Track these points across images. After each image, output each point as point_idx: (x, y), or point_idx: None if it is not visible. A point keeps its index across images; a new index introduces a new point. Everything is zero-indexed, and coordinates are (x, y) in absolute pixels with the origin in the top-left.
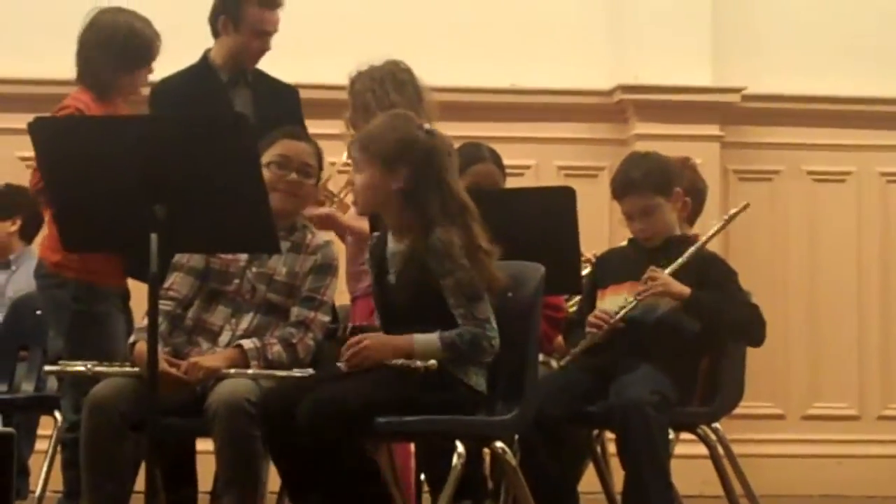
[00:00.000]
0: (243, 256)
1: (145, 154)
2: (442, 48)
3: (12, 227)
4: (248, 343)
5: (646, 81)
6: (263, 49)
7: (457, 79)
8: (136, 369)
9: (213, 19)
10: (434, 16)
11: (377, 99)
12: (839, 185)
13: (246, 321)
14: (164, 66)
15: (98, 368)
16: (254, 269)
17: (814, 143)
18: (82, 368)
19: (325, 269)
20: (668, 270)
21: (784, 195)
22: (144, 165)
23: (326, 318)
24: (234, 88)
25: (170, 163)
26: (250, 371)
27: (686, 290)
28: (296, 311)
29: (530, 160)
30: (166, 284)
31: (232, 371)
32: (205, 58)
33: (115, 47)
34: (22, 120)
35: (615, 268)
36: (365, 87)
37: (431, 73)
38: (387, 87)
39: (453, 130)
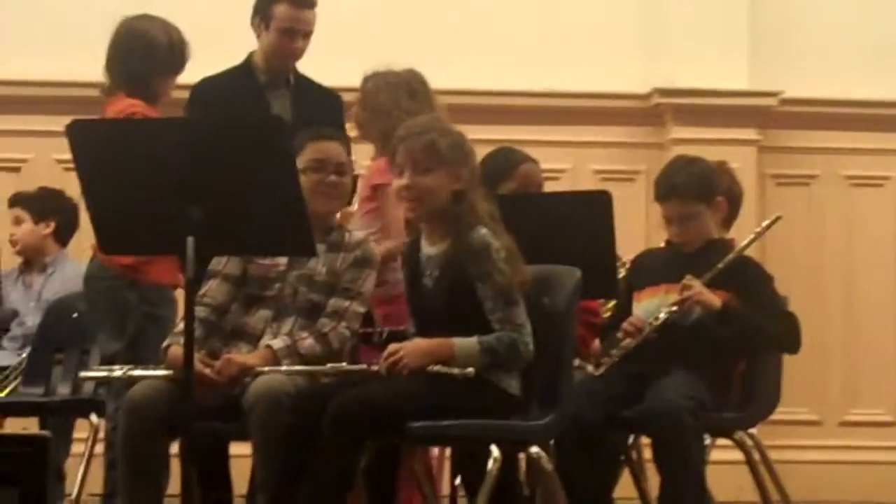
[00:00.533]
0: (283, 260)
1: (182, 157)
2: (477, 52)
3: (46, 229)
4: (277, 343)
5: (683, 85)
6: (295, 49)
7: (492, 82)
8: (170, 371)
9: (251, 20)
10: (469, 19)
11: (389, 102)
12: (877, 190)
13: (288, 324)
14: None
15: (133, 373)
16: (294, 273)
17: (851, 148)
18: (119, 373)
19: (364, 263)
20: (703, 279)
21: (821, 200)
22: (181, 168)
23: (362, 309)
24: (274, 91)
25: (207, 165)
26: (283, 368)
27: (717, 301)
28: (332, 303)
29: (566, 164)
30: (201, 291)
31: (266, 369)
32: (248, 60)
33: (159, 54)
34: (58, 122)
35: (651, 270)
36: (378, 88)
37: (466, 76)
38: (400, 92)
39: (488, 134)
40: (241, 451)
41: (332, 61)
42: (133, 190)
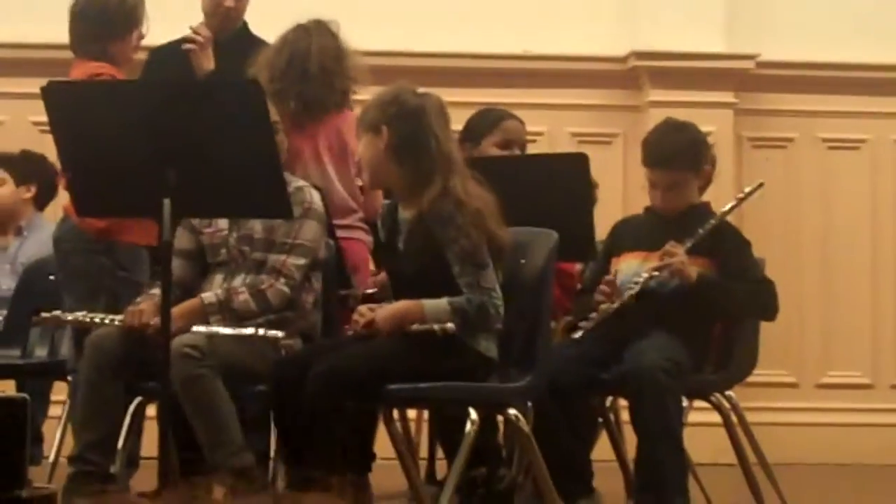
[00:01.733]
0: (224, 224)
1: (158, 118)
2: (454, 14)
3: (27, 193)
4: (209, 296)
5: (660, 48)
6: (228, 9)
7: (469, 45)
8: (120, 318)
9: None
10: None
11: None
12: (854, 153)
13: (238, 281)
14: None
15: (86, 318)
16: (234, 235)
17: (828, 111)
18: (70, 318)
19: (298, 214)
20: (684, 246)
21: (798, 162)
22: (157, 130)
23: (301, 261)
24: (229, 53)
25: (183, 127)
26: (203, 329)
27: (694, 275)
28: (270, 259)
29: (543, 127)
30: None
31: (193, 329)
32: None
33: (111, 16)
34: (35, 84)
35: (631, 236)
36: (297, 37)
37: (444, 39)
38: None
39: (466, 96)
40: None
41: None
42: (109, 152)
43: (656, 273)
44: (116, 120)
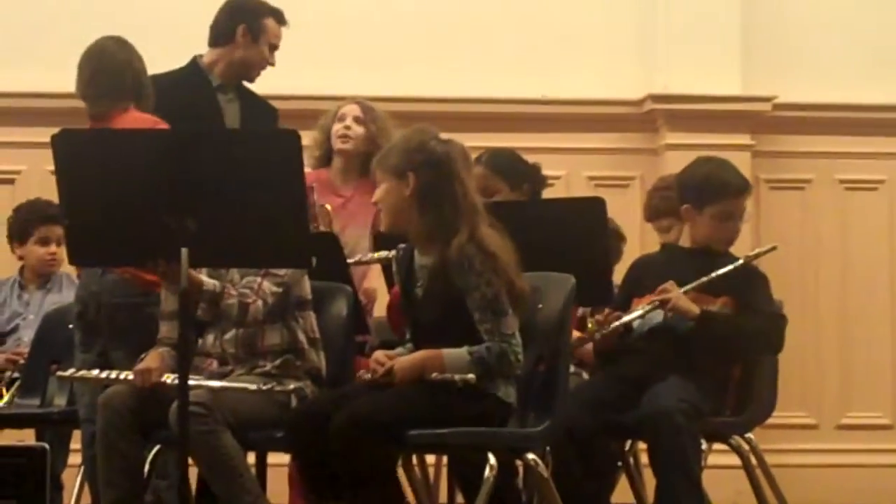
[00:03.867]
0: (207, 284)
1: (178, 167)
2: (472, 59)
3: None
4: (208, 283)
5: (676, 91)
6: (272, 63)
7: (487, 90)
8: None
9: (227, 28)
10: (464, 27)
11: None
12: (871, 194)
13: (230, 335)
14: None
15: (109, 376)
16: (218, 287)
17: (845, 152)
18: (94, 375)
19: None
20: (685, 288)
21: (816, 204)
22: (177, 178)
23: (275, 289)
24: (223, 95)
25: (205, 176)
26: (205, 382)
27: (695, 309)
28: (244, 281)
29: (561, 171)
30: (160, 336)
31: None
32: (195, 62)
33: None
34: (50, 134)
35: (653, 274)
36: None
37: (462, 84)
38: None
39: (483, 141)
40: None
41: (330, 69)
42: (123, 200)
43: (650, 308)
44: (133, 168)
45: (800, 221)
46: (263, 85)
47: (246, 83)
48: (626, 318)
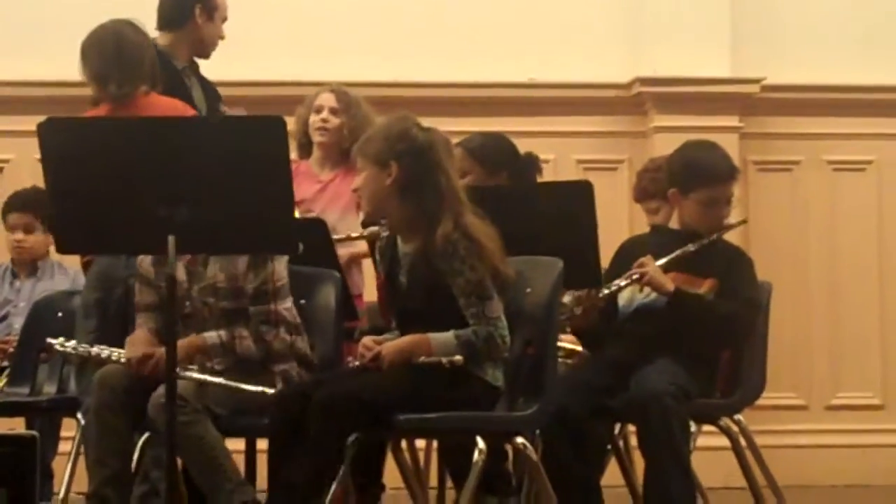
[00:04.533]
0: (181, 277)
1: (165, 155)
2: (460, 44)
3: (51, 238)
4: (212, 337)
5: (664, 73)
6: (222, 37)
7: (475, 74)
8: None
9: (184, 9)
10: (451, 10)
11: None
12: (859, 175)
13: (212, 335)
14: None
15: (100, 353)
16: (196, 287)
17: (833, 133)
18: (82, 350)
19: (261, 258)
20: (660, 262)
21: (804, 185)
22: (164, 167)
23: (288, 304)
24: (187, 78)
25: (193, 164)
26: (204, 377)
27: (670, 286)
28: (255, 311)
29: (549, 154)
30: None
31: (194, 375)
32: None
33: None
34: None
35: (640, 256)
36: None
37: (449, 68)
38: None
39: (471, 126)
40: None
41: (313, 54)
42: (109, 188)
43: (629, 282)
44: (120, 156)
45: (788, 203)
46: (245, 71)
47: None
48: (605, 292)
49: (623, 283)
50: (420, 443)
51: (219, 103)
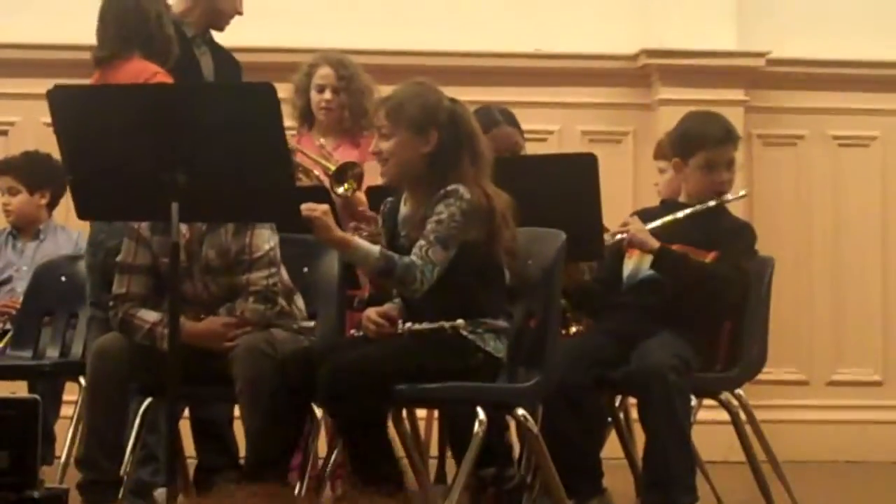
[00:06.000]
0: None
1: (167, 122)
2: (466, 13)
3: (41, 199)
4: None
5: (670, 46)
6: (240, 12)
7: (481, 44)
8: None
9: None
10: None
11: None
12: (864, 150)
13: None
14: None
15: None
16: (196, 267)
17: (838, 108)
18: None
19: (240, 229)
20: (651, 225)
21: (809, 160)
22: (166, 134)
23: (263, 273)
24: (197, 48)
25: (192, 131)
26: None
27: (654, 242)
28: (251, 281)
29: (554, 125)
30: (121, 290)
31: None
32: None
33: (167, 22)
34: (45, 85)
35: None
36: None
37: (455, 38)
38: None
39: (477, 95)
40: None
41: (320, 23)
42: (115, 155)
43: (612, 241)
44: (124, 123)
45: (793, 177)
46: (244, 37)
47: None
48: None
49: (612, 241)
50: (421, 413)
51: (236, 73)
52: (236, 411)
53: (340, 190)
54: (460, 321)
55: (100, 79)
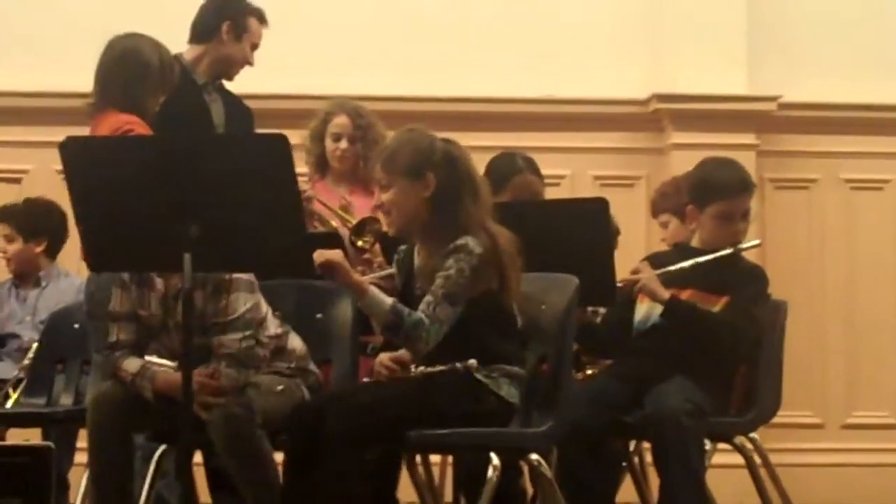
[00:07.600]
0: (155, 309)
1: (179, 173)
2: (478, 58)
3: (38, 247)
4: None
5: (681, 90)
6: (251, 63)
7: (493, 89)
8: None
9: (212, 24)
10: (469, 26)
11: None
12: (877, 193)
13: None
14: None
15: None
16: (172, 322)
17: (850, 151)
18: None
19: (218, 289)
20: (660, 272)
21: (821, 203)
22: (178, 185)
23: (236, 336)
24: (207, 95)
25: (204, 182)
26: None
27: (664, 293)
28: (225, 344)
29: (566, 170)
30: (113, 339)
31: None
32: (177, 61)
33: (152, 73)
34: (59, 133)
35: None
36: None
37: (468, 83)
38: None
39: (489, 141)
40: None
41: (330, 69)
42: (126, 206)
43: (622, 284)
44: (136, 174)
45: (805, 221)
46: (263, 84)
47: (225, 82)
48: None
49: (621, 285)
50: (435, 458)
51: (247, 120)
52: None
53: (359, 243)
54: (473, 361)
55: (91, 130)
